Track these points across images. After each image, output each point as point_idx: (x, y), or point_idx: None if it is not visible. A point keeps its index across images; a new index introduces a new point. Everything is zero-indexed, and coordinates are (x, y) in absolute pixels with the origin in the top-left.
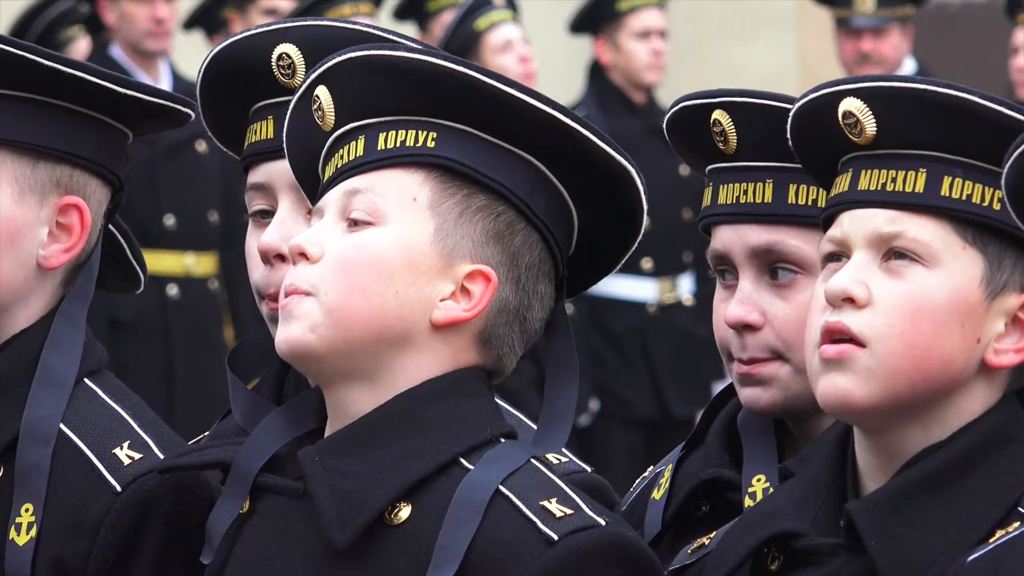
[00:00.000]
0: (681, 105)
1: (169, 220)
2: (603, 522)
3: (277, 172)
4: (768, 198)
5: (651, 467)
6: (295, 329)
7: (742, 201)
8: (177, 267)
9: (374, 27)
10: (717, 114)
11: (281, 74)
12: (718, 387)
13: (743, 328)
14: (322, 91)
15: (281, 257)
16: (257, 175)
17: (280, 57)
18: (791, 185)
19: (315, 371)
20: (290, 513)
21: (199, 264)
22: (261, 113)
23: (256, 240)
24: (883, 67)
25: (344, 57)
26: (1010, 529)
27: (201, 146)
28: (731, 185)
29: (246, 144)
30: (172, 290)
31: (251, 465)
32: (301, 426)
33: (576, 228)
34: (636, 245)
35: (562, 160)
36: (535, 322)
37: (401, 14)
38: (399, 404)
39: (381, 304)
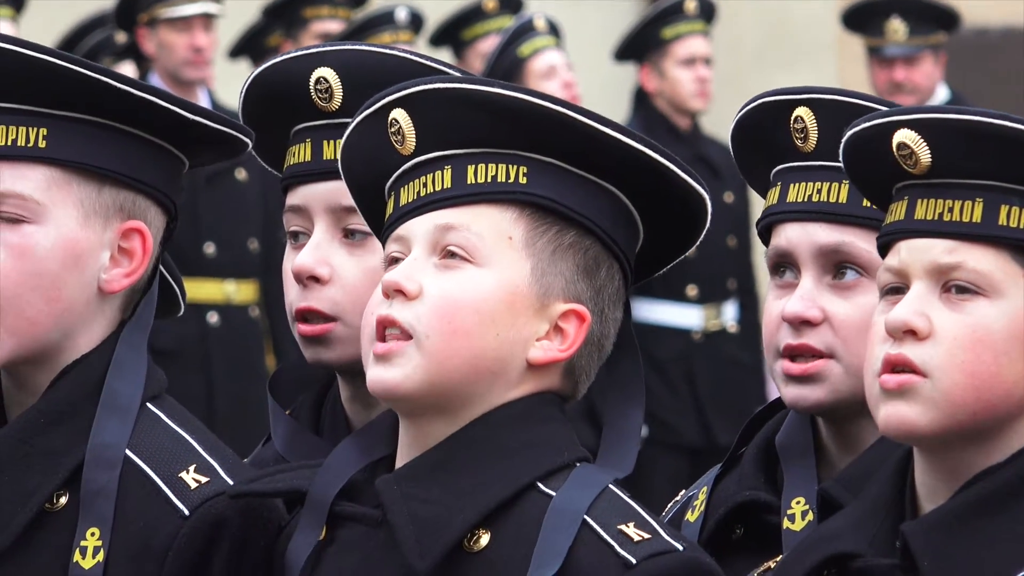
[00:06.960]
0: (761, 101)
1: (209, 248)
2: (681, 547)
3: (313, 195)
4: (843, 199)
5: (683, 491)
6: (394, 374)
7: (815, 200)
8: (217, 295)
9: (413, 52)
10: (800, 111)
11: (319, 98)
12: None
13: (801, 324)
14: (401, 115)
15: (315, 279)
16: (295, 197)
17: (318, 81)
18: None
19: (405, 409)
20: (369, 541)
21: (239, 292)
22: (299, 136)
23: (292, 262)
24: (916, 95)
25: (429, 87)
26: None
27: (241, 174)
28: (804, 184)
29: (285, 166)
30: (213, 318)
31: (327, 493)
32: (372, 453)
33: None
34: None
35: (642, 190)
36: (609, 347)
37: (437, 41)
38: (475, 430)
39: (482, 347)
